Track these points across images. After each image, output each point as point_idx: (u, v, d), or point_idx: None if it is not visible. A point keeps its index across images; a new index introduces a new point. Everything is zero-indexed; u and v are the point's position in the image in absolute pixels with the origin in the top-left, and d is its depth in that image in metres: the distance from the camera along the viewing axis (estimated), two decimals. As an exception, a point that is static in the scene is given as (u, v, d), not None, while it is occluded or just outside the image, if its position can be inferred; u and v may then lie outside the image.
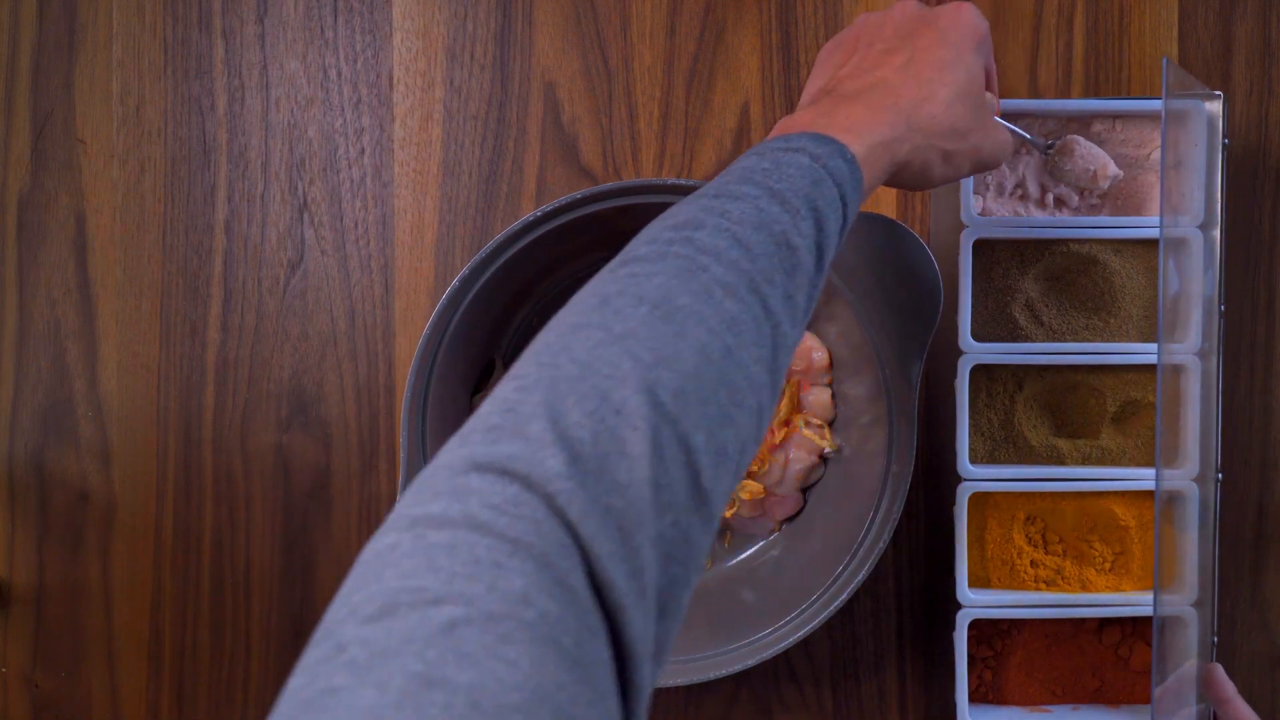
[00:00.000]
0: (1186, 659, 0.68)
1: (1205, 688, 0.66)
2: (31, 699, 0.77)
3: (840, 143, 0.49)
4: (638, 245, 0.44)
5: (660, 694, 0.76)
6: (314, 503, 0.76)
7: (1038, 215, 0.70)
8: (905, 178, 0.54)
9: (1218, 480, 0.68)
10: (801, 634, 0.66)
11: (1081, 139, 0.67)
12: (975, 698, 0.71)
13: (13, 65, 0.76)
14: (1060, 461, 0.70)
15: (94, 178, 0.76)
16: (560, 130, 0.76)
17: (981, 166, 0.56)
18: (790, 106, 0.76)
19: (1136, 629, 0.71)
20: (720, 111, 0.76)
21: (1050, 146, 0.67)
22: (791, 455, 0.72)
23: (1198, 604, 0.68)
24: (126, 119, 0.76)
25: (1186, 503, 0.68)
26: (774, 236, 0.44)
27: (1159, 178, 0.70)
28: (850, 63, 0.56)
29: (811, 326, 0.74)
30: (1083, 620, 0.71)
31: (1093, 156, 0.67)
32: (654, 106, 0.76)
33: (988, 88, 0.58)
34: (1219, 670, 0.65)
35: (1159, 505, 0.63)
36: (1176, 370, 0.69)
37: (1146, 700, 0.71)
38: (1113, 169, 0.67)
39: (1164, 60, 0.62)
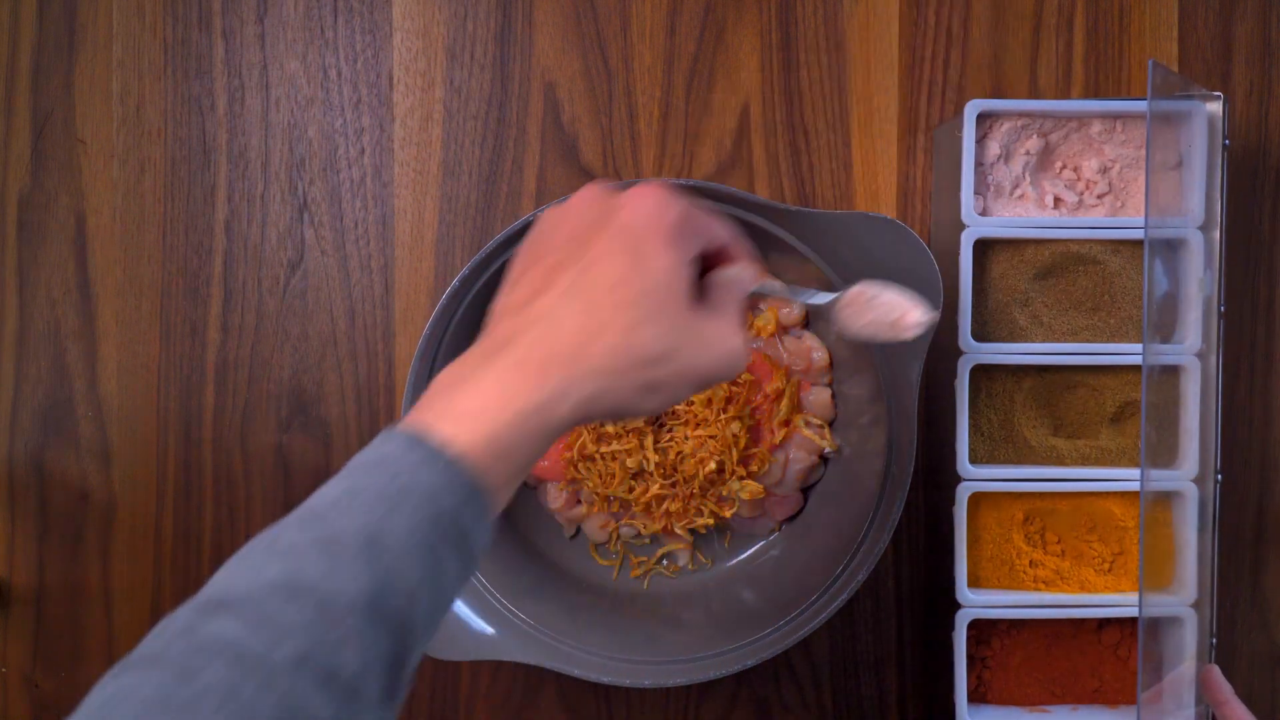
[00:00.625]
0: (1183, 660, 0.68)
1: (1203, 689, 0.66)
2: (31, 699, 0.77)
3: (433, 447, 0.39)
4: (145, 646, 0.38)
5: (660, 694, 0.76)
6: (314, 503, 0.76)
7: (1038, 215, 0.70)
8: (603, 418, 0.44)
9: (1217, 481, 0.68)
10: (801, 634, 0.66)
11: (874, 284, 0.53)
12: (974, 698, 0.71)
13: (13, 65, 0.76)
14: (1059, 462, 0.70)
15: (94, 178, 0.76)
16: (560, 130, 0.76)
17: (709, 383, 0.46)
18: (790, 106, 0.76)
19: (1135, 629, 0.71)
20: (720, 111, 0.76)
21: (835, 301, 0.54)
22: (791, 455, 0.72)
23: (1195, 604, 0.68)
24: (126, 119, 0.76)
25: (1185, 503, 0.68)
26: (315, 604, 0.37)
27: (1158, 179, 0.70)
28: (512, 289, 0.46)
29: (812, 326, 0.74)
30: (1082, 620, 0.71)
31: (890, 305, 0.53)
32: (654, 106, 0.76)
33: (711, 272, 0.48)
34: (1216, 671, 0.65)
35: (1144, 505, 0.63)
36: (1175, 371, 0.69)
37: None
38: (918, 315, 0.52)
39: (1150, 62, 0.62)
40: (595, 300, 0.43)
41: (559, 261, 0.45)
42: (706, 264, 0.49)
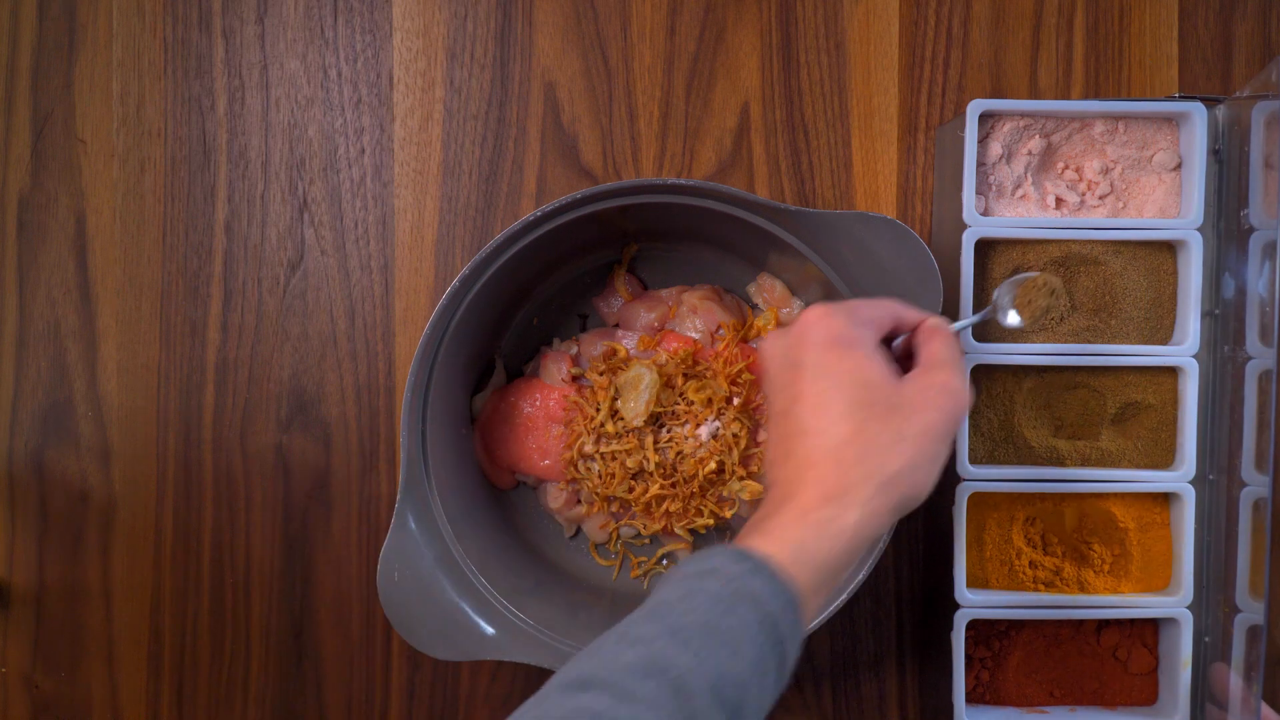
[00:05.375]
0: (1181, 660, 0.68)
1: (1216, 687, 0.66)
2: (31, 699, 0.77)
3: (758, 559, 0.47)
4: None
5: (660, 694, 0.76)
6: (314, 503, 0.76)
7: (1039, 216, 0.70)
8: (899, 505, 0.51)
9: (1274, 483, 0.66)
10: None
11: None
12: (973, 698, 0.71)
13: (13, 65, 0.76)
14: (1060, 462, 0.70)
15: (94, 178, 0.76)
16: (560, 130, 0.76)
17: (950, 429, 0.52)
18: (790, 106, 0.76)
19: (1135, 631, 0.71)
20: (720, 111, 0.76)
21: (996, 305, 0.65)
22: (791, 455, 0.72)
23: (1191, 605, 0.68)
24: (126, 119, 0.76)
25: (1183, 505, 0.68)
26: (669, 683, 0.43)
27: (1161, 179, 0.70)
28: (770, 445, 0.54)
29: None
30: (1081, 621, 0.71)
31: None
32: (654, 106, 0.76)
33: (907, 341, 0.57)
34: (1226, 669, 0.66)
35: (1270, 514, 0.63)
36: (1174, 371, 0.69)
37: (1145, 702, 0.71)
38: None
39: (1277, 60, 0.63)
40: (834, 434, 0.50)
41: (783, 409, 0.53)
42: (905, 343, 0.57)
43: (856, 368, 0.52)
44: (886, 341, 0.57)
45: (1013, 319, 0.64)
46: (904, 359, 0.58)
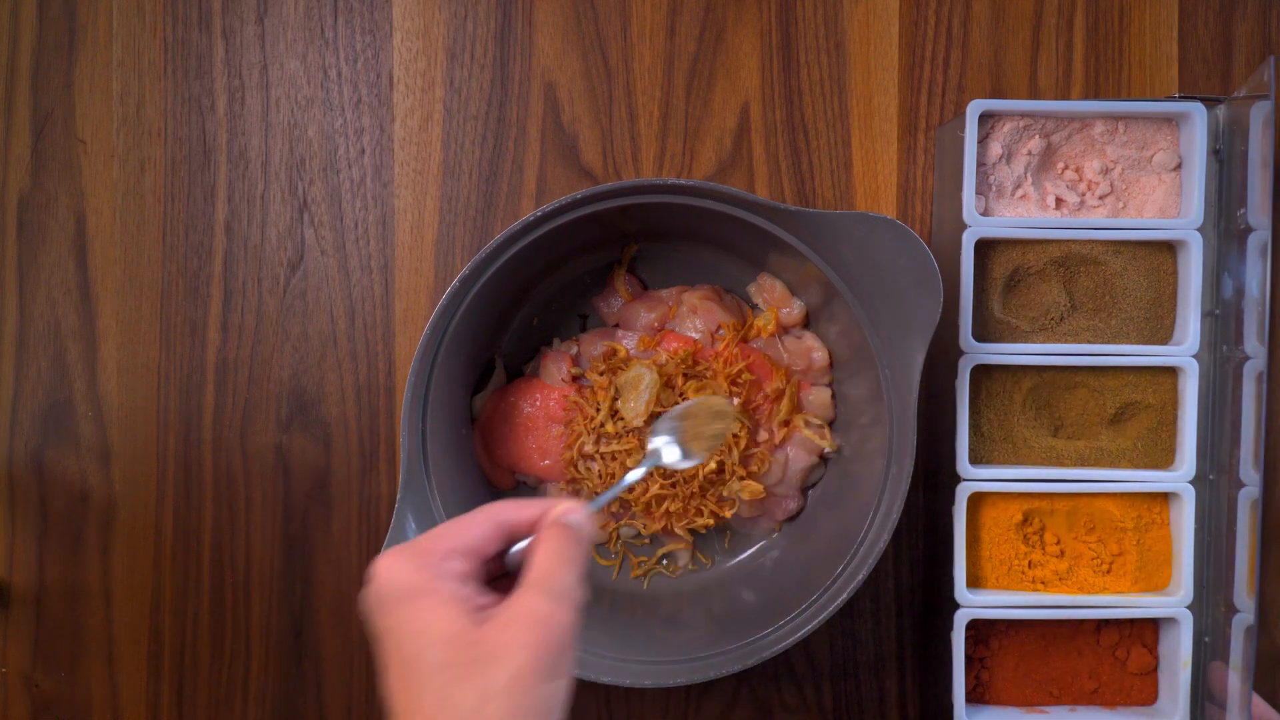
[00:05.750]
0: (1180, 660, 0.68)
1: (1215, 686, 0.66)
2: (31, 699, 0.77)
3: None
4: None
5: (660, 694, 0.76)
6: (314, 503, 0.76)
7: (1039, 216, 0.70)
8: None
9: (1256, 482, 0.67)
10: (801, 634, 0.66)
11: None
12: (973, 698, 0.71)
13: (13, 65, 0.76)
14: (1059, 462, 0.70)
15: (94, 178, 0.76)
16: (560, 130, 0.76)
17: (545, 668, 0.44)
18: (790, 106, 0.76)
19: (1134, 630, 0.71)
20: (720, 111, 0.76)
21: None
22: (791, 455, 0.72)
23: (1191, 605, 0.68)
24: (126, 119, 0.76)
25: (1182, 505, 0.68)
26: None
27: (1161, 179, 0.70)
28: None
29: (812, 326, 0.74)
30: (1080, 621, 0.71)
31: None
32: (654, 106, 0.76)
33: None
34: (1225, 669, 0.66)
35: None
36: (1174, 371, 0.69)
37: (1144, 702, 0.71)
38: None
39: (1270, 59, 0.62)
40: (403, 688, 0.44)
41: (386, 687, 0.45)
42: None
43: (426, 625, 0.44)
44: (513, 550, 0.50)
45: (676, 457, 0.60)
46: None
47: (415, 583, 0.45)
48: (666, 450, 0.60)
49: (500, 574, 0.50)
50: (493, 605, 0.46)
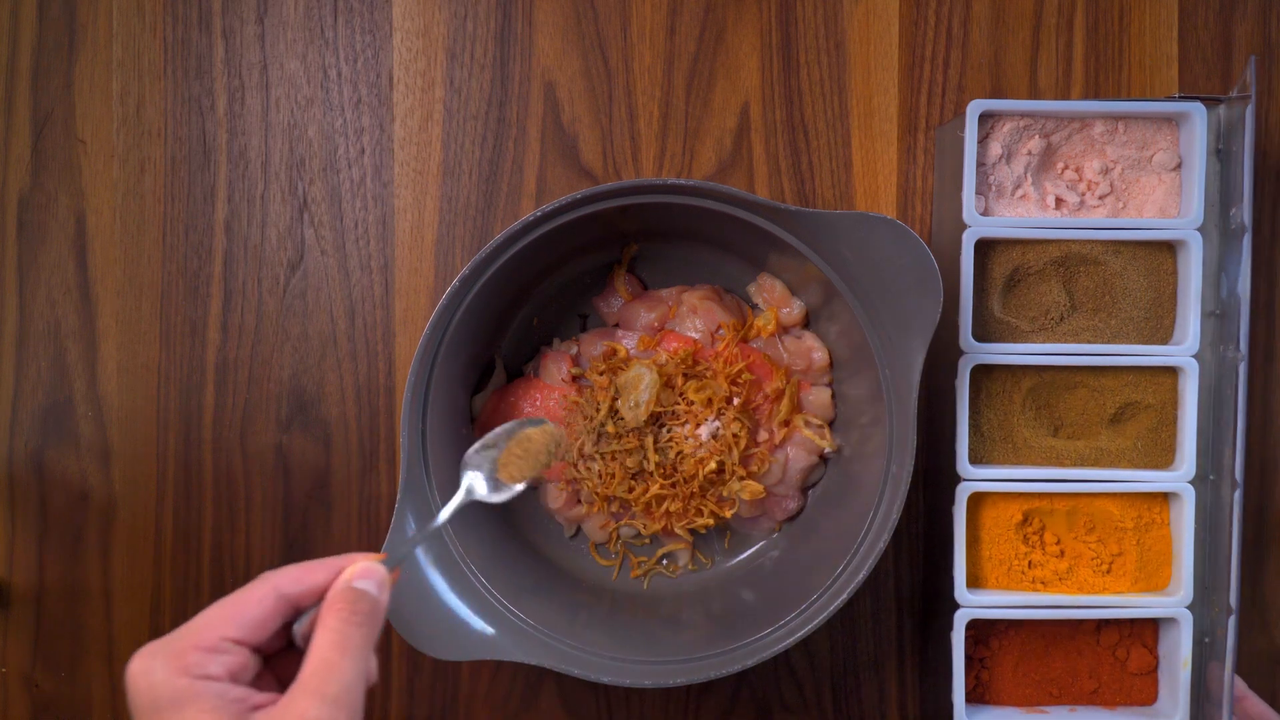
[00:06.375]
0: (1180, 660, 0.68)
1: (1214, 686, 0.66)
2: (31, 699, 0.77)
3: None
4: None
5: (660, 694, 0.76)
6: (314, 503, 0.76)
7: (1039, 216, 0.70)
8: None
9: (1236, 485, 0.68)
10: (801, 634, 0.66)
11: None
12: (972, 698, 0.71)
13: (13, 65, 0.76)
14: (1059, 462, 0.70)
15: (94, 178, 0.76)
16: (560, 130, 0.76)
17: None
18: (790, 106, 0.76)
19: (1134, 630, 0.71)
20: (720, 111, 0.76)
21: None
22: (791, 455, 0.72)
23: (1191, 605, 0.68)
24: (126, 119, 0.76)
25: (1182, 505, 0.68)
26: None
27: (1161, 179, 0.70)
28: None
29: (812, 326, 0.74)
30: (1080, 621, 0.71)
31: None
32: (654, 106, 0.76)
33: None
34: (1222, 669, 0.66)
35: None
36: (1174, 371, 0.69)
37: (1144, 702, 0.71)
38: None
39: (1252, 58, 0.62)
40: None
41: None
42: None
43: None
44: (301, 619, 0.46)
45: (487, 489, 0.58)
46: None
47: (174, 690, 0.41)
48: (476, 484, 0.58)
49: (289, 644, 0.46)
50: (270, 704, 0.41)
